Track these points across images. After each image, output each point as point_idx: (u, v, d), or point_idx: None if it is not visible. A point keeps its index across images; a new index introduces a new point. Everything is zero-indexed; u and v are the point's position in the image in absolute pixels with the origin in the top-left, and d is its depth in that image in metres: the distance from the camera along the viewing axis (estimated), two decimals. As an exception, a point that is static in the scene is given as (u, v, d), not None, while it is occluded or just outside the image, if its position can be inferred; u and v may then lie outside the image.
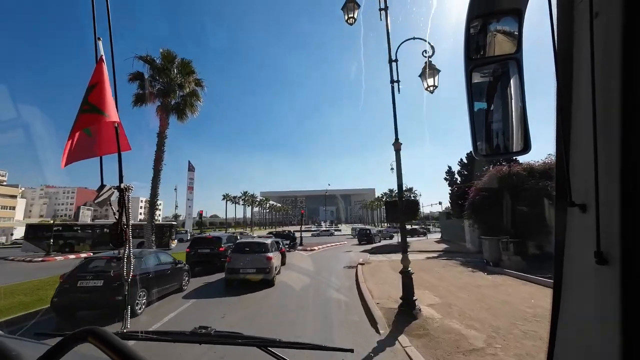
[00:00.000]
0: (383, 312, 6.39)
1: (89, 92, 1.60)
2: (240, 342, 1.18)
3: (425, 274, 10.79)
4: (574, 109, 0.79)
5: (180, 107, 17.02)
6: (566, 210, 0.80)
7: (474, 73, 0.95)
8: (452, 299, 7.29)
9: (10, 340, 0.95)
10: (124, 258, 1.59)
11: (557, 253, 0.85)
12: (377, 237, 32.06)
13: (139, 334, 1.22)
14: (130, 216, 1.57)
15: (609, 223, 0.68)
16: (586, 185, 0.73)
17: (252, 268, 9.74)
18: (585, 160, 0.75)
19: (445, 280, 9.56)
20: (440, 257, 17.73)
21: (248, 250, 10.44)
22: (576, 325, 0.80)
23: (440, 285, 8.97)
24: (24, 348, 0.82)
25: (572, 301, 0.81)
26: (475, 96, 0.96)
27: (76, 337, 0.64)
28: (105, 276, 6.53)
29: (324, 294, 8.60)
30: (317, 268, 14.27)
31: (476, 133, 0.96)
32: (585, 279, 0.76)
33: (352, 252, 23.02)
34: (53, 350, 0.65)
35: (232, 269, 9.85)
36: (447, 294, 7.88)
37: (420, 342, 4.77)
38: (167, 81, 16.35)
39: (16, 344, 0.81)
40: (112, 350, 0.59)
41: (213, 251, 13.58)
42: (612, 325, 0.66)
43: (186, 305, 7.56)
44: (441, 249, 22.54)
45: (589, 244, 0.71)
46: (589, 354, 0.75)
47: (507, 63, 0.92)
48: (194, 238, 15.14)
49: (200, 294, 9.10)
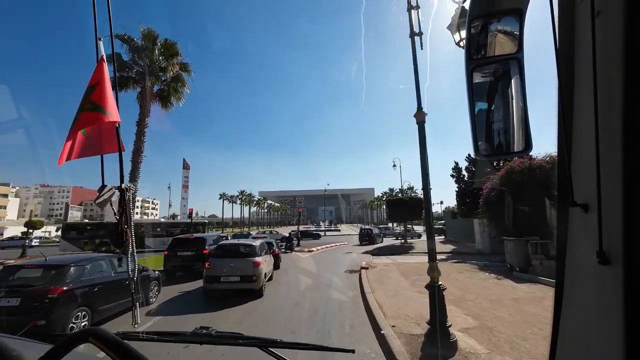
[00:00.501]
0: (403, 341, 4.68)
1: (90, 91, 1.61)
2: (241, 342, 1.21)
3: (443, 281, 9.10)
4: (575, 109, 0.80)
5: (165, 94, 15.31)
6: (568, 210, 0.81)
7: (474, 73, 0.94)
8: (490, 320, 5.59)
9: (12, 340, 0.89)
10: (127, 257, 1.61)
11: (559, 253, 0.86)
12: (379, 237, 30.33)
13: (140, 334, 1.27)
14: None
15: (611, 223, 0.67)
16: (588, 185, 0.73)
17: (236, 276, 8.01)
18: (587, 160, 0.74)
19: (471, 291, 7.85)
20: (451, 259, 16.07)
21: (232, 253, 8.67)
22: (578, 324, 0.81)
23: (467, 297, 7.26)
24: (26, 348, 0.82)
25: (574, 301, 0.82)
26: (476, 96, 0.95)
27: (77, 337, 0.65)
28: (24, 293, 4.80)
29: (323, 310, 6.89)
30: (315, 273, 12.55)
31: (477, 133, 0.95)
32: (587, 278, 0.77)
33: (353, 253, 21.33)
34: (54, 350, 0.65)
35: (211, 277, 8.10)
36: (481, 311, 6.18)
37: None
38: (148, 63, 14.62)
39: (18, 345, 0.81)
40: (113, 350, 0.59)
41: (196, 254, 11.78)
42: (614, 325, 0.67)
43: (146, 326, 5.85)
44: (448, 250, 20.85)
45: (591, 243, 0.71)
46: (590, 353, 0.75)
47: (508, 63, 0.91)
48: (174, 239, 13.39)
49: (169, 308, 7.38)
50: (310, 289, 9.60)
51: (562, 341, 0.86)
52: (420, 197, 25.26)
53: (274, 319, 6.48)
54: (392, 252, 20.75)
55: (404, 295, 7.66)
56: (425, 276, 4.78)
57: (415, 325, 5.49)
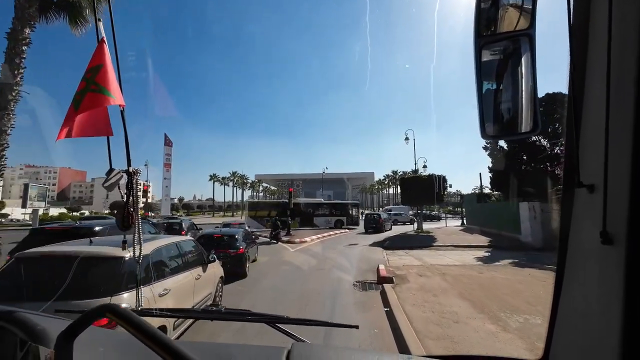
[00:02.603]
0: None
1: (95, 72, 1.60)
2: (249, 318, 1.27)
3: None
4: (587, 87, 0.78)
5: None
6: (574, 191, 0.81)
7: (483, 51, 0.90)
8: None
9: (36, 316, 0.92)
10: (134, 240, 1.63)
11: (562, 233, 0.86)
12: (387, 223, 25.35)
13: (154, 310, 1.42)
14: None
15: (616, 203, 0.67)
16: (596, 165, 0.72)
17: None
18: (596, 140, 0.74)
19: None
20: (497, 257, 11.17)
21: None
22: (578, 303, 0.81)
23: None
24: (48, 323, 0.84)
25: (575, 279, 0.82)
26: (485, 75, 0.91)
27: (95, 313, 0.66)
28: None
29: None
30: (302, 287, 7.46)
31: (484, 113, 0.91)
32: (589, 258, 0.77)
33: (358, 245, 16.39)
34: (74, 325, 0.67)
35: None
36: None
37: None
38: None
39: (41, 320, 0.85)
40: (129, 324, 0.60)
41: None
42: (613, 303, 0.66)
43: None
44: (483, 242, 15.92)
45: (595, 224, 0.71)
46: (589, 331, 0.75)
47: (518, 39, 0.86)
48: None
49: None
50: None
51: (561, 319, 0.87)
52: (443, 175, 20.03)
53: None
54: (410, 244, 15.75)
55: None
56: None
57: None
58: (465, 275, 7.89)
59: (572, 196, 0.81)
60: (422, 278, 7.66)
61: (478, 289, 6.48)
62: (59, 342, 0.66)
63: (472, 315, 4.91)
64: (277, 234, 16.98)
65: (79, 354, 0.68)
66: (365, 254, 13.08)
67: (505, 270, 8.76)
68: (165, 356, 0.54)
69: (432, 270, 8.68)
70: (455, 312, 5.09)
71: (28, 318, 0.80)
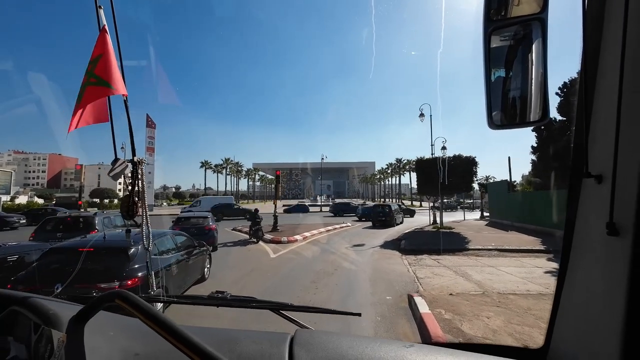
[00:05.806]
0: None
1: (94, 63, 1.58)
2: (254, 305, 1.29)
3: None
4: (599, 75, 0.76)
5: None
6: (581, 181, 0.80)
7: (493, 36, 0.85)
8: None
9: (48, 301, 0.93)
10: (142, 229, 1.65)
11: (567, 223, 0.86)
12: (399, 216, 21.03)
13: (162, 297, 1.49)
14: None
15: (624, 194, 0.66)
16: (605, 155, 0.71)
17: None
18: (606, 130, 0.72)
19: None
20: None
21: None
22: (581, 292, 0.80)
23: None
24: (60, 308, 0.87)
25: (579, 269, 0.82)
26: (493, 62, 0.87)
27: (105, 298, 0.68)
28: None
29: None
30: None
31: (492, 102, 0.87)
32: (594, 248, 0.76)
33: (365, 246, 12.24)
34: (85, 310, 0.70)
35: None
36: None
37: None
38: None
39: (53, 305, 0.87)
40: (137, 310, 0.62)
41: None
42: (617, 294, 0.66)
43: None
44: (534, 244, 11.80)
45: (601, 215, 0.71)
46: (592, 320, 0.75)
47: (530, 24, 0.81)
48: (47, 219, 9.76)
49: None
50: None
51: (563, 308, 0.87)
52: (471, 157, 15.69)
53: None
54: (433, 245, 11.27)
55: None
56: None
57: None
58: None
59: (579, 186, 0.81)
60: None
61: None
62: (71, 326, 0.71)
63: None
64: (257, 230, 12.69)
65: (89, 338, 0.71)
66: (380, 264, 8.93)
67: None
68: (172, 341, 0.56)
69: (508, 306, 4.55)
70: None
71: (41, 303, 0.84)
